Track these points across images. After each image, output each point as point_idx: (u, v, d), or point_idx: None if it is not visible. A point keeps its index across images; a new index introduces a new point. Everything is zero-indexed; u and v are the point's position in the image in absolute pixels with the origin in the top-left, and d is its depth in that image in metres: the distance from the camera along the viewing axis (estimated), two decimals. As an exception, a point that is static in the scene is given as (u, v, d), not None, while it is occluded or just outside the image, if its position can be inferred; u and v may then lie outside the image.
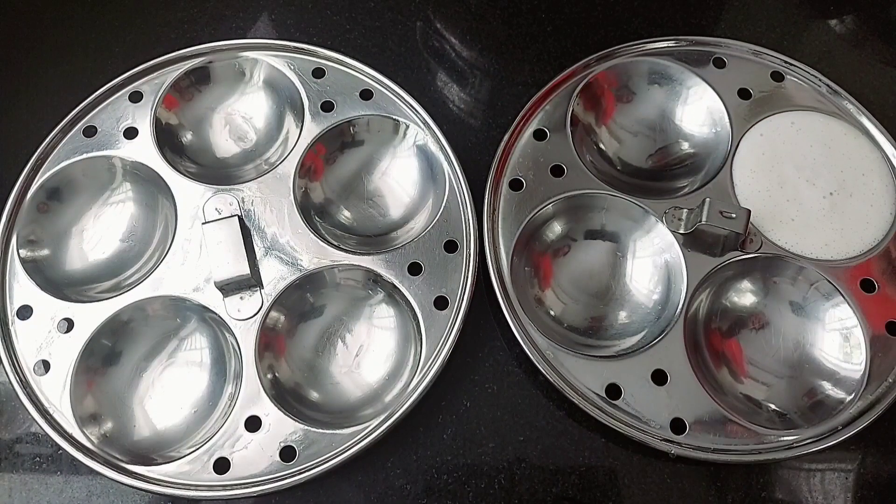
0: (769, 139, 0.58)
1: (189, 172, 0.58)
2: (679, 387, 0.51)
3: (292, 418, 0.50)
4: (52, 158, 0.57)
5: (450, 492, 0.51)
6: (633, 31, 0.66)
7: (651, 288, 0.55)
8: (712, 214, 0.52)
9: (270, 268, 0.54)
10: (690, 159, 0.61)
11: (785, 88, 0.61)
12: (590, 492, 0.51)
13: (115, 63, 0.62)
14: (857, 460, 0.52)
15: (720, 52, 0.62)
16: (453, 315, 0.53)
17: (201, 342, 0.55)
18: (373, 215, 0.59)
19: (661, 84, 0.62)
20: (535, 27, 0.67)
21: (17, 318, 0.53)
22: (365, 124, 0.59)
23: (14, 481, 0.52)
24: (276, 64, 0.61)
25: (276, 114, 0.62)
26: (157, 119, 0.59)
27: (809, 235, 0.55)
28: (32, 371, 0.51)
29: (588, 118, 0.61)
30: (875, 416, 0.50)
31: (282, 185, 0.57)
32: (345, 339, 0.55)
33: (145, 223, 0.58)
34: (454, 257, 0.54)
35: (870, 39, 0.67)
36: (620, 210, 0.56)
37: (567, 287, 0.57)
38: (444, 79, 0.65)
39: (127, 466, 0.49)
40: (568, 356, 0.52)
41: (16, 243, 0.54)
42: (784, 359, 0.53)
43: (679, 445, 0.50)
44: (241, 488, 0.48)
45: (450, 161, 0.57)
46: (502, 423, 0.53)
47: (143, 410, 0.52)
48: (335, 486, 0.51)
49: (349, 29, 0.67)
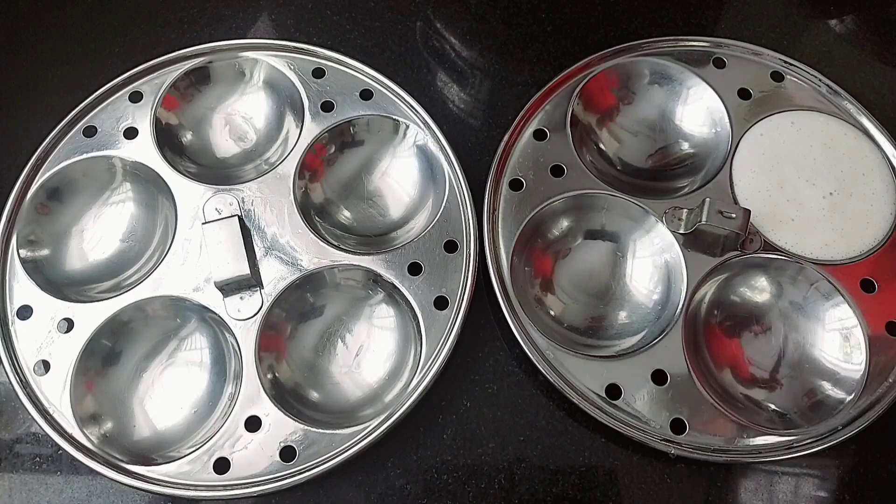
0: (769, 139, 0.58)
1: (189, 172, 0.58)
2: (679, 387, 0.51)
3: (292, 418, 0.50)
4: (52, 158, 0.57)
5: (450, 492, 0.51)
6: (633, 31, 0.66)
7: (651, 288, 0.55)
8: (712, 214, 0.52)
9: (270, 268, 0.54)
10: (690, 159, 0.61)
11: (785, 88, 0.61)
12: (590, 492, 0.51)
13: (115, 63, 0.62)
14: (857, 460, 0.52)
15: (720, 52, 0.62)
16: (453, 315, 0.53)
17: (201, 342, 0.55)
18: (373, 215, 0.59)
19: (661, 84, 0.62)
20: (535, 27, 0.67)
21: (17, 318, 0.53)
22: (365, 124, 0.59)
23: (14, 481, 0.52)
24: (276, 64, 0.61)
25: (276, 114, 0.62)
26: (157, 119, 0.59)
27: (809, 235, 0.55)
28: (32, 371, 0.51)
29: (588, 118, 0.61)
30: (875, 416, 0.50)
31: (282, 185, 0.57)
32: (345, 339, 0.55)
33: (145, 223, 0.58)
34: (454, 257, 0.54)
35: (870, 39, 0.67)
36: (620, 210, 0.56)
37: (567, 287, 0.57)
38: (444, 79, 0.65)
39: (127, 466, 0.49)
40: (568, 356, 0.52)
41: (16, 243, 0.54)
42: (784, 359, 0.53)
43: (679, 445, 0.50)
44: (241, 488, 0.48)
45: (450, 161, 0.57)
46: (502, 423, 0.53)
47: (143, 410, 0.52)
48: (335, 486, 0.51)
49: (349, 29, 0.67)
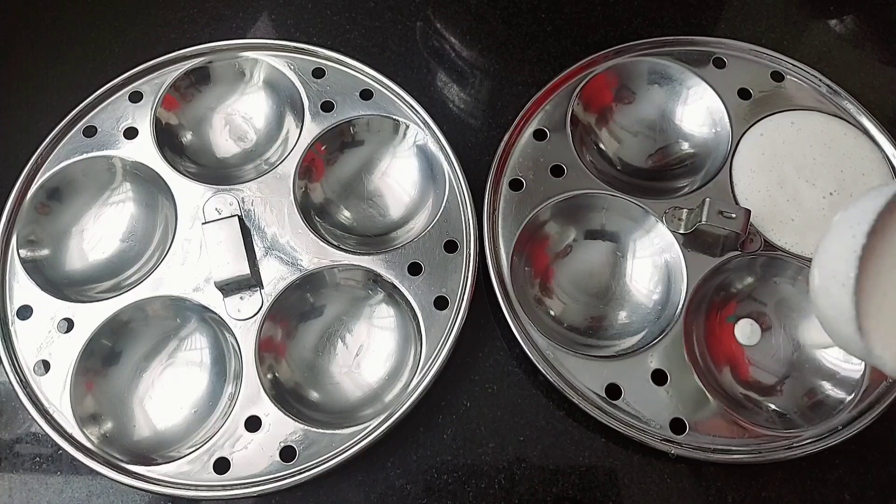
0: (769, 139, 0.58)
1: (189, 172, 0.58)
2: (679, 387, 0.51)
3: (292, 418, 0.50)
4: (52, 158, 0.57)
5: (450, 492, 0.51)
6: (633, 31, 0.66)
7: (651, 288, 0.55)
8: (712, 214, 0.52)
9: (270, 268, 0.54)
10: (690, 159, 0.61)
11: (785, 88, 0.61)
12: (590, 492, 0.51)
13: (115, 63, 0.62)
14: (857, 460, 0.52)
15: (720, 52, 0.62)
16: (453, 315, 0.53)
17: (201, 342, 0.55)
18: (373, 215, 0.59)
19: (661, 84, 0.62)
20: (535, 27, 0.67)
21: (17, 318, 0.53)
22: (365, 124, 0.59)
23: (14, 481, 0.52)
24: (276, 64, 0.61)
25: (276, 114, 0.62)
26: (157, 119, 0.59)
27: (809, 235, 0.55)
28: (32, 371, 0.51)
29: (588, 118, 0.61)
30: (875, 416, 0.50)
31: (282, 185, 0.57)
32: (345, 339, 0.55)
33: (145, 223, 0.58)
34: (454, 257, 0.54)
35: (870, 39, 0.67)
36: (620, 210, 0.56)
37: (567, 287, 0.57)
38: (444, 79, 0.65)
39: (127, 466, 0.49)
40: (568, 356, 0.52)
41: (16, 243, 0.54)
42: (784, 359, 0.53)
43: (679, 445, 0.50)
44: (241, 488, 0.48)
45: (450, 161, 0.57)
46: (502, 423, 0.53)
47: (143, 410, 0.52)
48: (335, 486, 0.51)
49: (349, 29, 0.67)
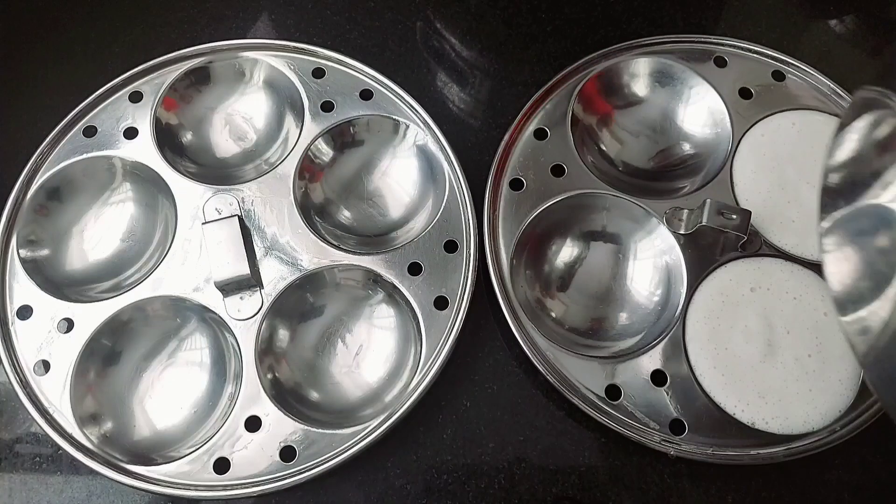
0: (770, 139, 0.58)
1: (189, 172, 0.58)
2: (679, 387, 0.51)
3: (292, 418, 0.50)
4: (52, 158, 0.57)
5: (450, 492, 0.51)
6: (633, 30, 0.66)
7: (652, 289, 0.55)
8: (713, 215, 0.52)
9: (270, 268, 0.54)
10: (691, 159, 0.60)
11: (786, 88, 0.61)
12: (590, 492, 0.51)
13: (115, 63, 0.62)
14: (857, 460, 0.52)
15: (720, 51, 0.62)
16: (453, 315, 0.53)
17: (201, 342, 0.55)
18: (373, 215, 0.59)
19: (661, 84, 0.62)
20: (535, 27, 0.67)
21: (17, 318, 0.53)
22: (365, 124, 0.59)
23: (14, 481, 0.52)
24: (276, 64, 0.61)
25: (276, 114, 0.62)
26: (157, 119, 0.59)
27: (810, 237, 0.55)
28: (32, 371, 0.51)
29: (588, 118, 0.61)
30: (875, 416, 0.50)
31: (282, 185, 0.56)
32: (345, 339, 0.55)
33: (145, 223, 0.58)
34: (454, 257, 0.54)
35: (870, 39, 0.67)
36: (621, 210, 0.56)
37: (568, 288, 0.56)
38: (444, 79, 0.65)
39: (127, 466, 0.49)
40: (568, 357, 0.52)
41: (16, 243, 0.54)
42: (784, 359, 0.53)
43: (679, 446, 0.50)
44: (241, 488, 0.48)
45: (450, 161, 0.57)
46: (502, 423, 0.53)
47: (143, 410, 0.52)
48: (335, 486, 0.51)
49: (349, 29, 0.67)
